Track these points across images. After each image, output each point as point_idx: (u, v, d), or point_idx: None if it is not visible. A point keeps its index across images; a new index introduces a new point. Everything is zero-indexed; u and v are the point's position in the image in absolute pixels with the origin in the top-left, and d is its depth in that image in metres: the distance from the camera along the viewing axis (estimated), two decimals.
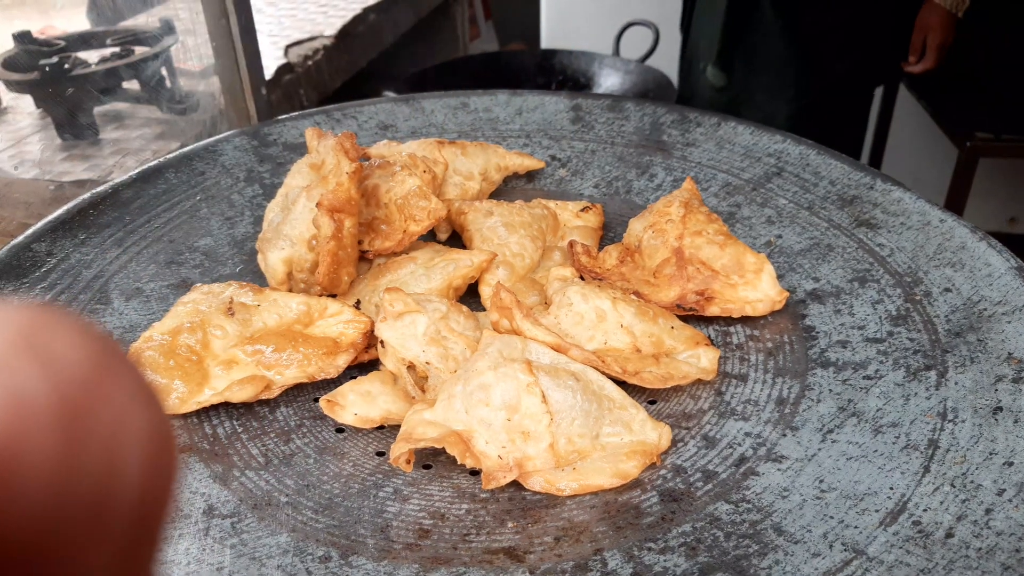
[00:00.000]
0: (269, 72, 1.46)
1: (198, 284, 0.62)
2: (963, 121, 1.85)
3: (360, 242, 0.66)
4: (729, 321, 0.63)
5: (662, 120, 0.88)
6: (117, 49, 1.24)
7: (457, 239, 0.73)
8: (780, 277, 0.66)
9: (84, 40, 1.29)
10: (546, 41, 2.39)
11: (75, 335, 0.13)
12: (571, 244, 0.68)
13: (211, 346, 0.56)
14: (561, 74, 1.73)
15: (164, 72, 1.23)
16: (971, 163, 1.83)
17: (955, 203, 1.88)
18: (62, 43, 1.25)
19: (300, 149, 0.84)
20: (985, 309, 0.58)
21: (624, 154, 0.85)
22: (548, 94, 0.92)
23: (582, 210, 0.74)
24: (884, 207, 0.71)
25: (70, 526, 0.12)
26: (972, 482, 0.46)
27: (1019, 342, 0.55)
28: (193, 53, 1.16)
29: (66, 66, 1.18)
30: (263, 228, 0.68)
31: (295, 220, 0.64)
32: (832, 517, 0.45)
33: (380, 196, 0.67)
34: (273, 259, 0.64)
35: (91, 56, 1.25)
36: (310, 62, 1.59)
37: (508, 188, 0.82)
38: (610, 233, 0.75)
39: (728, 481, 0.49)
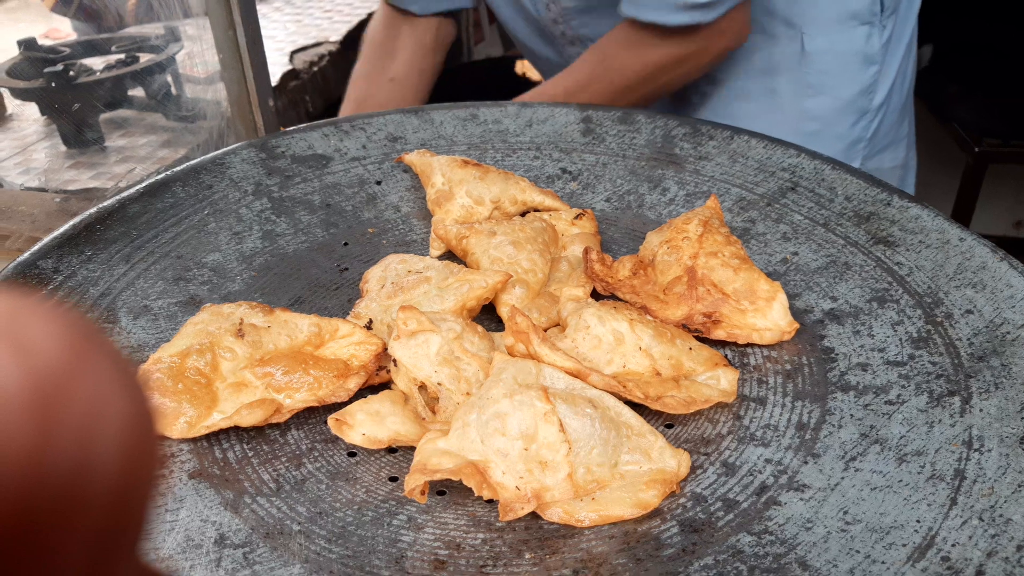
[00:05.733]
0: (275, 79, 1.46)
1: (208, 304, 0.61)
2: (971, 127, 1.84)
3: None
4: None
5: (674, 133, 0.87)
6: (123, 56, 1.23)
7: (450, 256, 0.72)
8: (797, 296, 0.65)
9: (90, 47, 1.28)
10: None
11: (51, 322, 0.13)
12: (587, 251, 0.67)
13: (220, 368, 0.55)
14: None
15: (170, 79, 1.22)
16: (980, 169, 1.82)
17: (963, 209, 1.86)
18: (67, 50, 1.24)
19: (308, 161, 0.83)
20: (1008, 332, 0.57)
21: (636, 167, 0.84)
22: (558, 106, 0.91)
23: (576, 217, 0.74)
24: (902, 224, 0.70)
25: (44, 512, 0.12)
26: (1001, 516, 0.45)
27: None
28: (199, 60, 1.15)
29: (71, 73, 1.17)
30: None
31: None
32: (858, 551, 0.44)
33: None
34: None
35: (96, 63, 1.24)
36: (316, 68, 1.58)
37: None
38: (623, 248, 0.74)
39: (750, 511, 0.48)
